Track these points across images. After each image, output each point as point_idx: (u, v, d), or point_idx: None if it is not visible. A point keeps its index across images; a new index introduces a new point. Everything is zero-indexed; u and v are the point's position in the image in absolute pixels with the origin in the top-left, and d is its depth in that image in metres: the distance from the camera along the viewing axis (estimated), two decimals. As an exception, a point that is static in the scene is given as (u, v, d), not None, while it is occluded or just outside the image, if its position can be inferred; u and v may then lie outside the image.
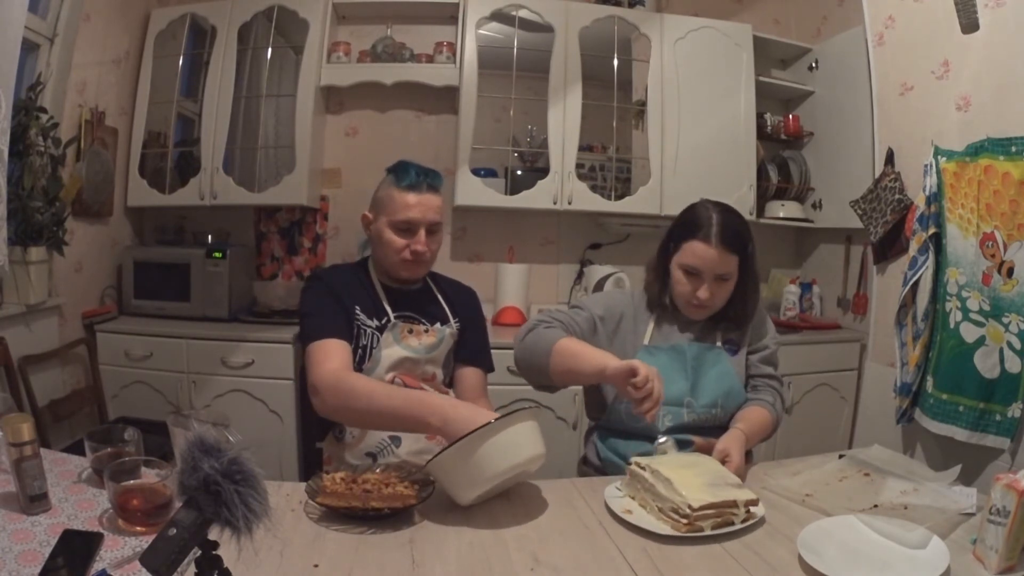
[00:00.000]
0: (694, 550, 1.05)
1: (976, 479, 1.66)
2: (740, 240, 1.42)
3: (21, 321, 2.28)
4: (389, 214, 1.47)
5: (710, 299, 1.42)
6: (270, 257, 3.20)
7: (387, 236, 1.47)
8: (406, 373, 1.48)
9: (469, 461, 1.10)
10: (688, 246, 1.42)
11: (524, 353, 1.44)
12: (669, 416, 1.46)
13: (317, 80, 2.92)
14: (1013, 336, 1.89)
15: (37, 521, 1.01)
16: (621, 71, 3.05)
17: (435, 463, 1.12)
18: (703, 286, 1.42)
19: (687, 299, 1.45)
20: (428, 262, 1.52)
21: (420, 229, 1.47)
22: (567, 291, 3.30)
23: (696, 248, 1.41)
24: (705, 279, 1.41)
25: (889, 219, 2.49)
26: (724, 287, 1.44)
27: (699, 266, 1.41)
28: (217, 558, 0.75)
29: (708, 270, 1.41)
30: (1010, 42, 1.94)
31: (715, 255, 1.39)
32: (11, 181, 2.10)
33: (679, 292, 1.46)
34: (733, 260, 1.42)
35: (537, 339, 1.41)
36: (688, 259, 1.42)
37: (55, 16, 2.35)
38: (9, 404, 1.33)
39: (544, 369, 1.38)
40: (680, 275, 1.45)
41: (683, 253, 1.43)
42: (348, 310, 1.45)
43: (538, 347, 1.39)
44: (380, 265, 1.54)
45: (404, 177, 1.47)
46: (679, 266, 1.44)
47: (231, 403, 2.59)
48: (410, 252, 1.46)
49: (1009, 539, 0.96)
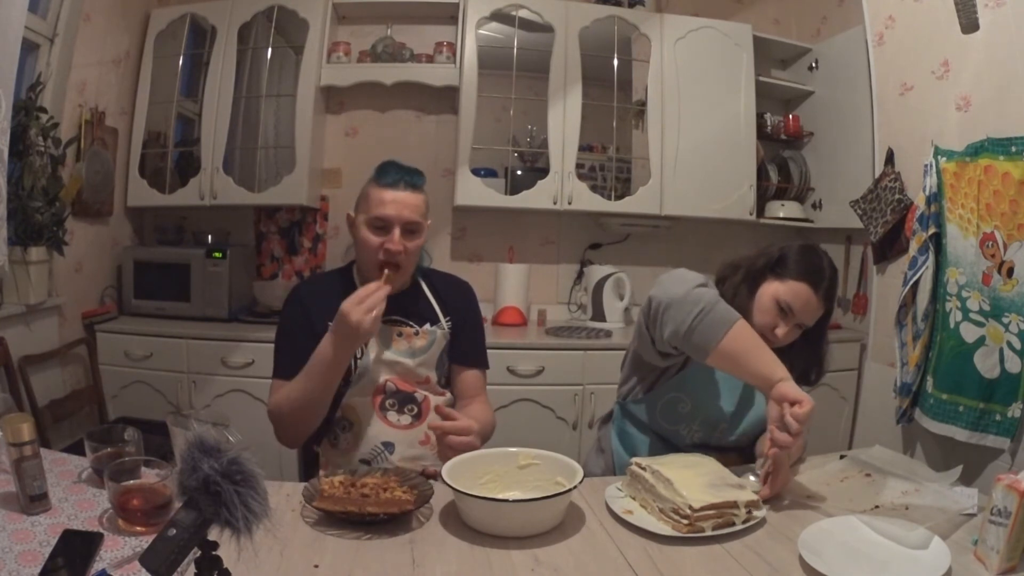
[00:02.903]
0: (695, 551, 1.05)
1: (976, 479, 1.66)
2: (834, 297, 1.43)
3: (21, 321, 2.28)
4: (366, 211, 1.44)
5: (782, 339, 1.40)
6: (270, 257, 3.20)
7: (363, 234, 1.44)
8: (397, 376, 1.46)
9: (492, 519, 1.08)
10: (797, 286, 1.39)
11: (689, 308, 1.26)
12: (700, 433, 1.46)
13: (317, 80, 2.92)
14: (1013, 336, 1.89)
15: (37, 521, 1.01)
16: (621, 71, 3.05)
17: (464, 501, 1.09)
18: (786, 326, 1.39)
19: (762, 330, 1.39)
20: (404, 266, 1.44)
21: (395, 227, 1.41)
22: (567, 291, 3.31)
23: (803, 292, 1.38)
24: (791, 321, 1.40)
25: (889, 219, 2.49)
26: (794, 333, 1.43)
27: (797, 308, 1.38)
28: (217, 558, 0.75)
29: (800, 314, 1.39)
30: (1010, 42, 1.94)
31: (816, 306, 1.39)
32: (11, 181, 2.10)
33: (760, 320, 1.41)
34: (820, 314, 1.42)
35: (715, 303, 1.26)
36: (790, 298, 1.38)
37: (55, 16, 2.34)
38: (9, 404, 1.33)
39: (710, 340, 1.23)
40: (771, 305, 1.40)
41: (787, 288, 1.39)
42: (317, 336, 1.38)
43: (715, 314, 1.25)
44: (361, 268, 1.51)
45: (383, 175, 1.45)
46: (775, 297, 1.40)
47: (231, 403, 2.59)
48: (383, 251, 1.41)
49: (1010, 540, 0.96)
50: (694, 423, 1.45)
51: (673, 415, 1.46)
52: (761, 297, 1.42)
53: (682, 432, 1.46)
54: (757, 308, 1.42)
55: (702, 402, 1.44)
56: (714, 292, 1.31)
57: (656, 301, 1.32)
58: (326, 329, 1.37)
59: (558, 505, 1.10)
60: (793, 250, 1.45)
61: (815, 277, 1.39)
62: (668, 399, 1.46)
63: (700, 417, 1.45)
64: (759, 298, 1.43)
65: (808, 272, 1.40)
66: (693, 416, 1.45)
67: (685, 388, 1.45)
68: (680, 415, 1.46)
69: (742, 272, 1.48)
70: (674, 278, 1.33)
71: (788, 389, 1.17)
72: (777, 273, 1.43)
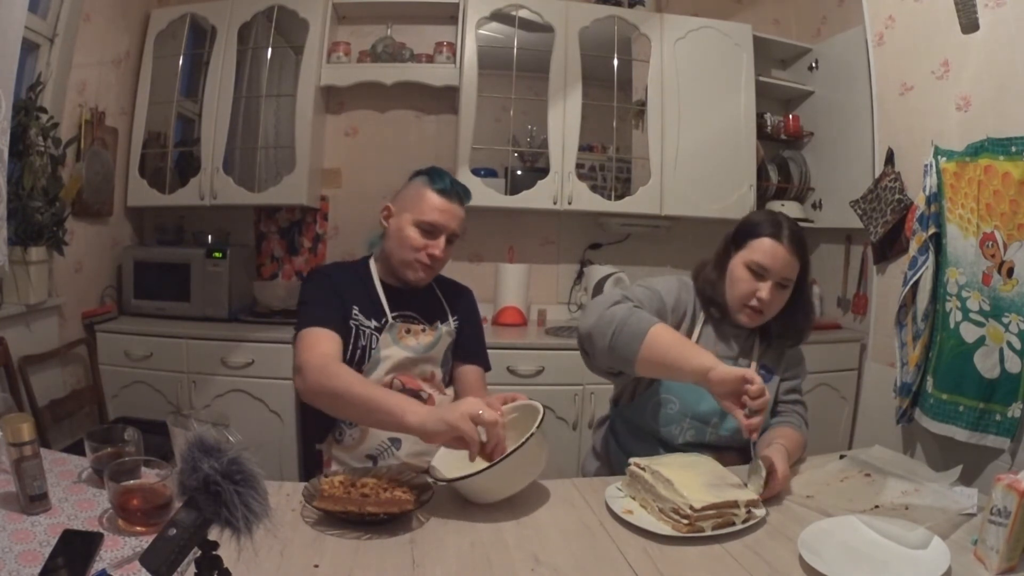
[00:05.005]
0: (695, 550, 1.05)
1: (976, 479, 1.66)
2: (804, 247, 1.42)
3: (21, 321, 2.28)
4: (417, 212, 1.46)
5: (768, 302, 1.39)
6: (270, 257, 3.20)
7: (408, 232, 1.46)
8: (404, 373, 1.48)
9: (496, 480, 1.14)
10: (758, 243, 1.40)
11: (603, 330, 1.30)
12: (692, 431, 1.46)
13: (317, 80, 2.92)
14: (1013, 336, 1.89)
15: (37, 521, 1.01)
16: (621, 71, 3.05)
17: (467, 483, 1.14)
18: (766, 286, 1.39)
19: (745, 300, 1.40)
20: (437, 270, 1.53)
21: (442, 235, 1.47)
22: (567, 291, 3.31)
23: (766, 245, 1.39)
24: (769, 279, 1.39)
25: (889, 219, 2.49)
26: (782, 295, 1.42)
27: (767, 264, 1.38)
28: (217, 558, 0.75)
29: (775, 270, 1.38)
30: (1010, 42, 1.94)
31: (785, 254, 1.38)
32: (11, 181, 2.10)
33: (739, 291, 1.41)
34: (796, 266, 1.41)
35: (626, 318, 1.28)
36: (757, 256, 1.39)
37: (55, 16, 2.34)
38: (9, 404, 1.33)
39: (630, 354, 1.26)
40: (743, 273, 1.41)
41: (751, 250, 1.41)
42: (347, 308, 1.46)
43: (627, 328, 1.27)
44: (386, 262, 1.53)
45: (439, 181, 1.48)
46: (745, 264, 1.41)
47: (231, 403, 2.59)
48: (426, 255, 1.46)
49: (1010, 540, 0.96)
50: (684, 422, 1.46)
51: (664, 416, 1.47)
52: (732, 271, 1.44)
53: (674, 432, 1.46)
54: (730, 283, 1.44)
55: (689, 401, 1.44)
56: (627, 307, 1.32)
57: (579, 334, 1.38)
58: (352, 307, 1.45)
59: (527, 457, 1.14)
60: (747, 216, 1.49)
61: (774, 228, 1.41)
62: (657, 401, 1.47)
63: (689, 415, 1.45)
64: (730, 273, 1.44)
65: (767, 226, 1.41)
66: (683, 415, 1.46)
67: (671, 389, 1.46)
68: (670, 416, 1.46)
69: (711, 261, 1.50)
70: (590, 307, 1.38)
71: (723, 373, 1.19)
72: (738, 243, 1.45)
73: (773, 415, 1.52)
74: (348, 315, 1.45)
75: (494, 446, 1.15)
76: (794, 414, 1.53)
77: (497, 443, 1.15)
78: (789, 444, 1.37)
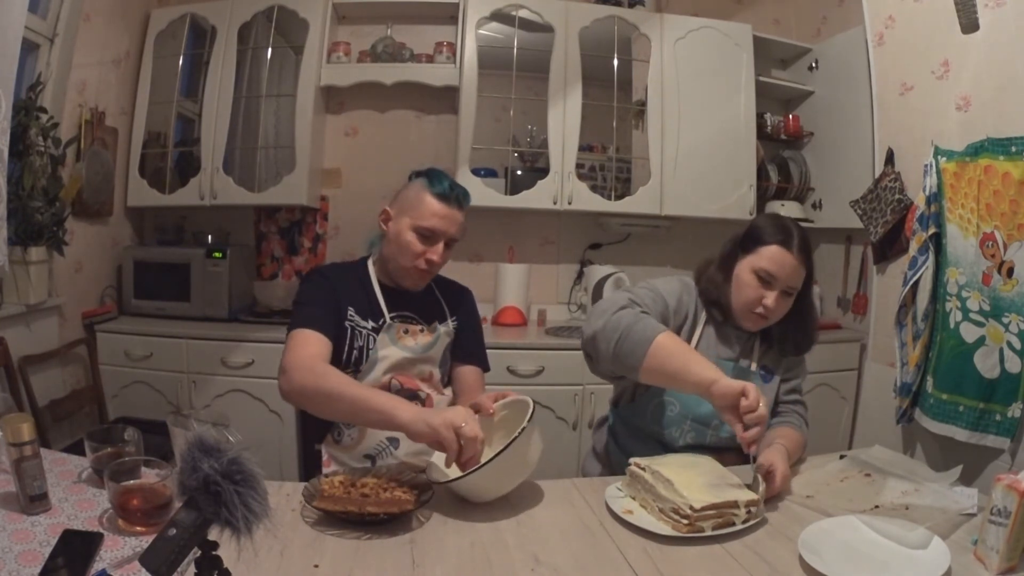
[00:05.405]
0: (695, 550, 1.05)
1: (976, 479, 1.66)
2: (811, 255, 1.42)
3: (21, 321, 2.28)
4: (415, 217, 1.45)
5: (774, 309, 1.39)
6: (270, 257, 3.20)
7: (406, 237, 1.45)
8: (402, 373, 1.47)
9: (489, 480, 1.15)
10: (767, 250, 1.39)
11: (608, 336, 1.29)
12: (692, 433, 1.46)
13: (317, 80, 2.92)
14: (1013, 336, 1.89)
15: (37, 521, 1.01)
16: (621, 71, 3.05)
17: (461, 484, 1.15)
18: (772, 294, 1.38)
19: (751, 306, 1.40)
20: (434, 273, 1.53)
21: (441, 240, 1.46)
22: (567, 291, 3.31)
23: (776, 253, 1.38)
24: (776, 287, 1.38)
25: (889, 219, 2.49)
26: (787, 302, 1.42)
27: (775, 272, 1.37)
28: (217, 558, 0.75)
29: (783, 278, 1.38)
30: (1010, 42, 1.94)
31: (793, 262, 1.38)
32: (11, 181, 2.10)
33: (745, 297, 1.41)
34: (803, 274, 1.41)
35: (631, 325, 1.27)
36: (765, 263, 1.38)
37: (55, 16, 2.34)
38: (9, 404, 1.33)
39: (635, 361, 1.26)
40: (750, 279, 1.40)
41: (759, 256, 1.40)
42: (341, 311, 1.45)
43: (633, 335, 1.26)
44: (385, 264, 1.53)
45: (438, 184, 1.46)
46: (752, 270, 1.40)
47: (231, 403, 2.59)
48: (424, 260, 1.45)
49: (1010, 540, 0.96)
50: (685, 424, 1.46)
51: (664, 417, 1.47)
52: (738, 276, 1.43)
53: (674, 433, 1.46)
54: (736, 288, 1.43)
55: (689, 403, 1.44)
56: (633, 313, 1.31)
57: (583, 338, 1.37)
58: (347, 308, 1.44)
59: (518, 454, 1.15)
60: (756, 221, 1.47)
61: (784, 236, 1.39)
62: (657, 403, 1.47)
63: (690, 417, 1.45)
64: (736, 278, 1.43)
65: (776, 233, 1.40)
66: (683, 417, 1.45)
67: (671, 392, 1.45)
68: (671, 417, 1.46)
69: (715, 262, 1.49)
70: (595, 311, 1.36)
71: (725, 388, 1.18)
72: (746, 247, 1.44)
73: (774, 415, 1.52)
74: (343, 317, 1.45)
75: (467, 459, 1.15)
76: (794, 414, 1.53)
77: (472, 456, 1.15)
78: (789, 444, 1.37)
